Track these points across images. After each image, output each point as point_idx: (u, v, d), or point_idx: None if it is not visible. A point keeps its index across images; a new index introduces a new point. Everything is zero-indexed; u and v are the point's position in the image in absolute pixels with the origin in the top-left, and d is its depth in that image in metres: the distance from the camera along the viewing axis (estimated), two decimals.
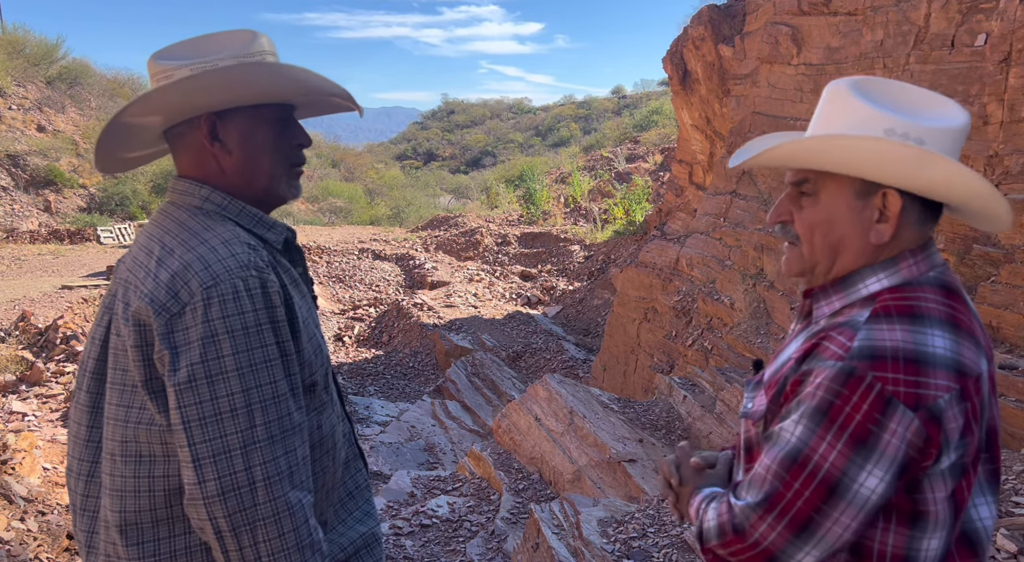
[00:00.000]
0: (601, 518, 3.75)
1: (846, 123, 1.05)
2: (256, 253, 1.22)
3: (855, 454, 0.93)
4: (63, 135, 21.80)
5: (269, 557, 1.13)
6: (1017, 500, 2.88)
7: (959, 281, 1.09)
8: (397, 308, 13.55)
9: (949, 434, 0.94)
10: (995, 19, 4.71)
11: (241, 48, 1.28)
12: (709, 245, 7.96)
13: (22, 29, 23.25)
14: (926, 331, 0.96)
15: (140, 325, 1.17)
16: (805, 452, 0.96)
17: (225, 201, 1.30)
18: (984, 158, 4.62)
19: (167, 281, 1.17)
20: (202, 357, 1.13)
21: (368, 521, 1.46)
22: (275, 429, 1.15)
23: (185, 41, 1.32)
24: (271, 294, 1.19)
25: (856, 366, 0.94)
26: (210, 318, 1.14)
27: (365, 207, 27.74)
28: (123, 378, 1.22)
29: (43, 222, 19.67)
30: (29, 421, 8.70)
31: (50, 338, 10.93)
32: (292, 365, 1.21)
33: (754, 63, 7.97)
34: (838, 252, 1.09)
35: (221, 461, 1.12)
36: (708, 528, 1.05)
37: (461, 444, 8.81)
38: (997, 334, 4.14)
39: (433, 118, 67.00)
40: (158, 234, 1.27)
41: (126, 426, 1.21)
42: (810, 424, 0.96)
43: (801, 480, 0.96)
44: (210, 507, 1.12)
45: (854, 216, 1.07)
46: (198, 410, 1.12)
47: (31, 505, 4.54)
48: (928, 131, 1.03)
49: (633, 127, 33.99)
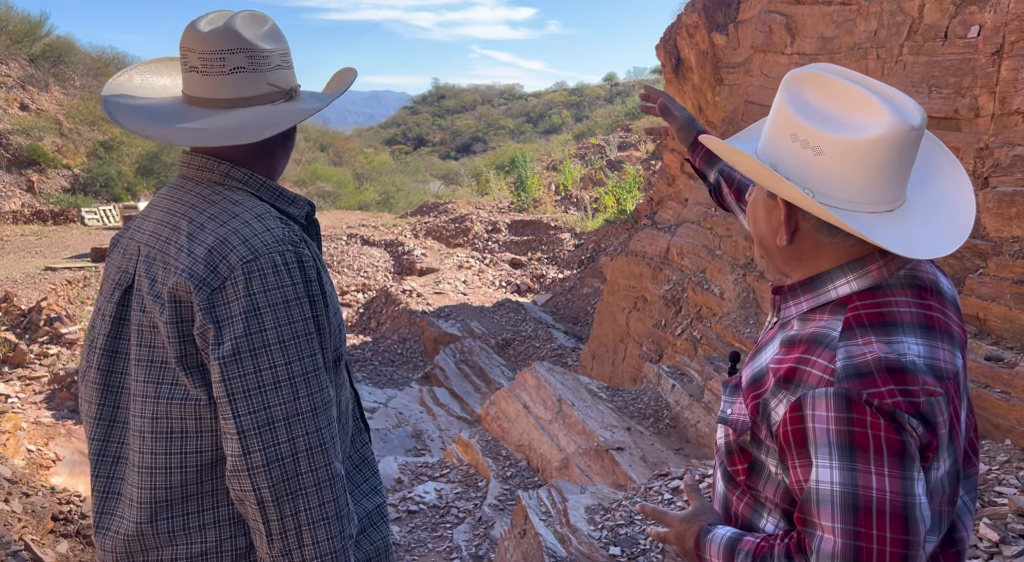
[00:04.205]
0: (588, 505, 3.76)
1: (771, 120, 1.07)
2: (290, 227, 1.24)
3: (900, 469, 0.90)
4: (46, 114, 21.47)
5: (309, 526, 1.15)
6: (1000, 490, 2.91)
7: (932, 274, 1.07)
8: (386, 294, 13.51)
9: (941, 438, 0.94)
10: (988, 11, 4.72)
11: None
12: (700, 234, 7.97)
13: (4, 5, 22.81)
14: (902, 339, 0.95)
15: (177, 301, 1.17)
16: (862, 494, 0.89)
17: (246, 176, 1.30)
18: (974, 150, 4.64)
19: (204, 256, 1.17)
20: (246, 330, 1.14)
21: (375, 497, 1.47)
22: (317, 401, 1.18)
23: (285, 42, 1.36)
24: (307, 268, 1.21)
25: (849, 388, 0.92)
26: (252, 292, 1.15)
27: (353, 192, 27.58)
28: (150, 355, 1.21)
29: (26, 202, 19.40)
30: (12, 403, 8.62)
31: (33, 320, 10.81)
32: (325, 339, 1.23)
33: (747, 52, 7.95)
34: (765, 249, 1.14)
35: (266, 432, 1.13)
36: None
37: (449, 431, 8.82)
38: (984, 326, 4.17)
39: (423, 103, 66.60)
40: (181, 210, 1.25)
41: (156, 402, 1.20)
42: (844, 463, 0.90)
43: (876, 524, 0.88)
44: (255, 478, 1.13)
45: (765, 215, 1.10)
46: (242, 382, 1.14)
47: (15, 487, 4.50)
48: (829, 141, 0.98)
49: (625, 115, 33.94)
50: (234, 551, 1.23)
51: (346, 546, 1.19)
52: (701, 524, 1.17)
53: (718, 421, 1.16)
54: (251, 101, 1.28)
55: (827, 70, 1.03)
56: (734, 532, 1.10)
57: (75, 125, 21.69)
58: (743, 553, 1.05)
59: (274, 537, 1.15)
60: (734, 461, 1.11)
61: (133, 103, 1.33)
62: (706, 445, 5.17)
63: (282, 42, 1.33)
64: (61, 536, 4.27)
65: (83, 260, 14.18)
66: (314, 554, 1.16)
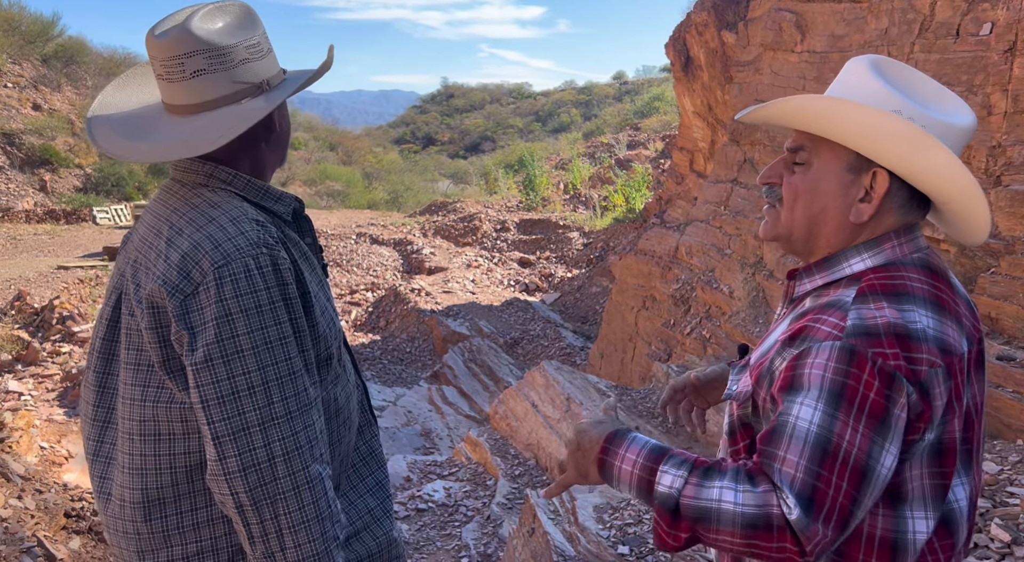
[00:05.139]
0: (597, 504, 3.76)
1: (857, 97, 1.05)
2: (265, 230, 1.21)
3: (876, 434, 0.91)
4: (59, 114, 21.63)
5: (290, 529, 1.15)
6: (1012, 491, 2.89)
7: (943, 263, 1.09)
8: (394, 293, 13.54)
9: (936, 410, 0.95)
10: (1000, 8, 4.67)
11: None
12: (709, 233, 7.94)
13: (17, 6, 22.99)
14: (911, 309, 0.97)
15: (154, 307, 1.17)
16: (834, 441, 0.91)
17: (230, 176, 1.28)
18: (987, 148, 4.60)
19: (178, 262, 1.17)
20: (217, 337, 1.13)
21: (379, 492, 1.47)
22: (292, 405, 1.17)
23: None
24: (282, 271, 1.19)
25: (856, 343, 0.93)
26: (223, 297, 1.14)
27: (363, 191, 27.64)
28: (137, 358, 1.22)
29: (38, 202, 19.57)
30: (25, 401, 8.70)
31: (46, 318, 10.90)
32: (305, 341, 1.22)
33: (757, 50, 7.91)
34: (816, 223, 1.09)
35: (240, 438, 1.13)
36: (737, 514, 0.92)
37: (457, 429, 8.83)
38: (996, 325, 4.14)
39: (432, 102, 66.63)
40: (165, 213, 1.26)
41: (143, 405, 1.21)
42: (828, 409, 0.92)
43: (837, 472, 0.90)
44: (231, 482, 1.13)
45: (840, 190, 1.06)
46: (216, 389, 1.14)
47: (28, 483, 4.54)
48: (934, 122, 1.01)
49: (634, 113, 33.86)
50: (229, 548, 1.25)
51: (329, 548, 1.19)
52: (614, 428, 1.08)
53: (723, 397, 1.16)
54: (219, 102, 1.24)
55: (894, 61, 1.08)
56: (662, 443, 1.06)
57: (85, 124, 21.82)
58: (678, 460, 0.99)
59: (256, 540, 1.16)
60: (736, 440, 1.12)
61: (113, 115, 1.31)
62: (715, 444, 5.15)
63: (247, 31, 1.25)
64: (73, 533, 4.31)
65: (95, 259, 14.29)
66: (297, 557, 1.16)
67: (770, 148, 7.37)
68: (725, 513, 0.93)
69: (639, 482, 1.01)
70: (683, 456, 1.01)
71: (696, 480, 0.96)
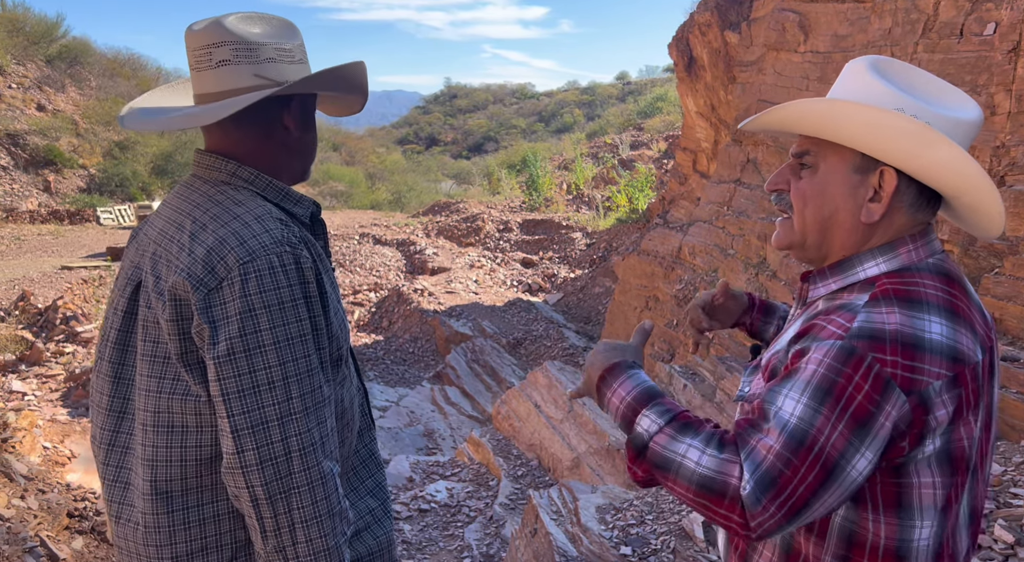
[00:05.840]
0: (599, 505, 3.76)
1: (858, 98, 1.04)
2: (288, 229, 1.24)
3: (854, 436, 0.92)
4: (63, 114, 21.70)
5: (303, 524, 1.17)
6: (1016, 491, 2.88)
7: (959, 269, 1.08)
8: (397, 293, 13.55)
9: (938, 420, 0.94)
10: (1004, 8, 4.66)
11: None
12: (712, 234, 7.93)
13: (22, 7, 23.13)
14: (924, 316, 0.96)
15: (176, 300, 1.18)
16: (812, 434, 0.92)
17: (253, 175, 1.31)
18: (991, 148, 4.59)
19: (203, 256, 1.18)
20: (240, 331, 1.15)
21: (379, 493, 1.49)
22: (309, 401, 1.19)
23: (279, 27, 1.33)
24: (304, 270, 1.21)
25: (856, 345, 0.93)
26: (247, 293, 1.16)
27: (366, 191, 27.70)
28: (154, 350, 1.23)
29: (42, 202, 19.63)
30: (29, 401, 8.72)
31: (50, 318, 10.93)
32: (322, 339, 1.24)
33: (760, 50, 7.90)
34: (828, 227, 1.09)
35: (259, 432, 1.15)
36: (695, 472, 0.96)
37: (460, 430, 8.83)
38: (1000, 326, 4.13)
39: (435, 102, 66.73)
40: (187, 208, 1.27)
41: (159, 397, 1.23)
42: (813, 403, 0.93)
43: (807, 465, 0.91)
44: (248, 476, 1.15)
45: (848, 191, 1.06)
46: (237, 383, 1.15)
47: (31, 483, 4.56)
48: (939, 117, 1.01)
49: (637, 114, 33.85)
50: (233, 544, 1.26)
51: (339, 543, 1.21)
52: (625, 358, 1.15)
53: (735, 399, 1.17)
54: (239, 93, 1.26)
55: (894, 60, 1.08)
56: (657, 387, 1.09)
57: (91, 125, 21.91)
58: (662, 408, 1.04)
59: (268, 534, 1.17)
60: None
61: (145, 106, 1.36)
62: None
63: (281, 37, 1.30)
64: (76, 533, 4.32)
65: (99, 259, 14.33)
66: (307, 551, 1.18)
67: (773, 148, 7.36)
68: (685, 468, 0.97)
69: (622, 417, 1.08)
70: (668, 405, 1.04)
71: (671, 431, 1.00)
